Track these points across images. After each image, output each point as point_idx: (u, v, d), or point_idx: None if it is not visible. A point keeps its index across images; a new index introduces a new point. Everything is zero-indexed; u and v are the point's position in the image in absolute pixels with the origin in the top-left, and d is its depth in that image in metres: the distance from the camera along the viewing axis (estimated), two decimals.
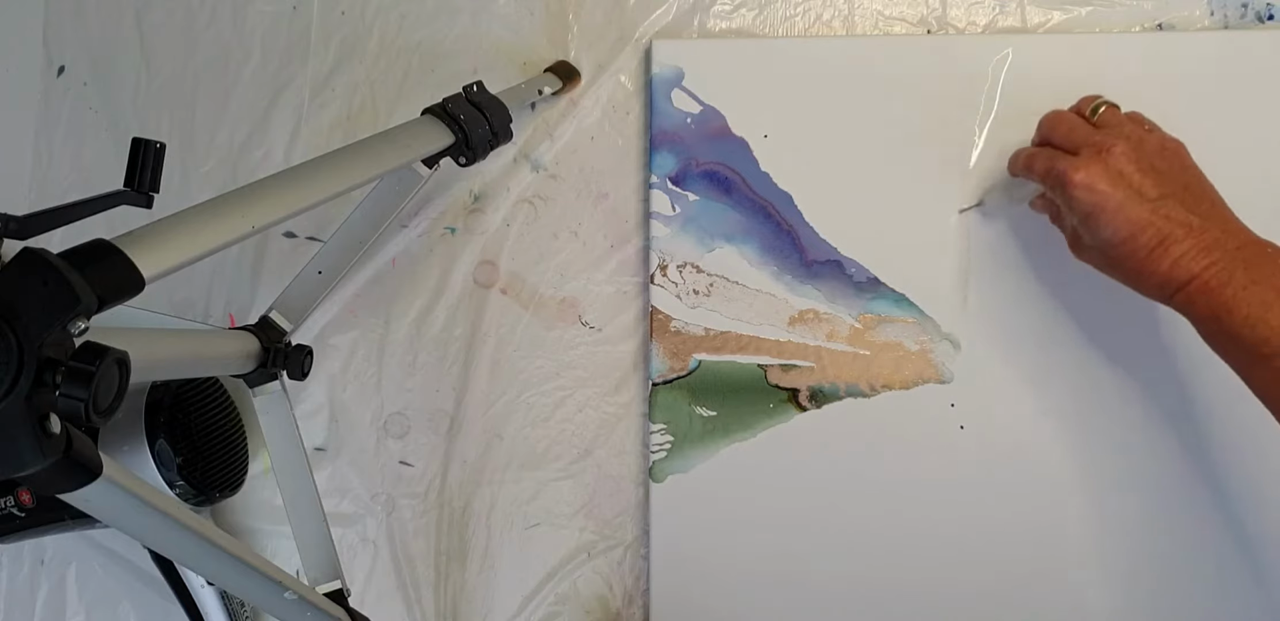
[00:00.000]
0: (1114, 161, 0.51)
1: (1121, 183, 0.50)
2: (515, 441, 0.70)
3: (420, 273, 0.73)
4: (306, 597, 0.50)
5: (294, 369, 0.64)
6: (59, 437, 0.35)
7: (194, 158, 0.77)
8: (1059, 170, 0.52)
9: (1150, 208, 0.49)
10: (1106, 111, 0.54)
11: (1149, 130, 0.54)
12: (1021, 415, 0.63)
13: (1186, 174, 0.52)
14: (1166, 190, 0.50)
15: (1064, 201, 0.52)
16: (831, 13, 0.69)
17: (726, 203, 0.66)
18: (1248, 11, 0.65)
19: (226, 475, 0.70)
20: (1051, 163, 0.53)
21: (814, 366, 0.65)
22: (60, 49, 0.81)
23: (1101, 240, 0.51)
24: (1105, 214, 0.50)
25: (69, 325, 0.34)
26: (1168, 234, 0.49)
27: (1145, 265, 0.50)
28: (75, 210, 0.38)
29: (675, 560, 0.66)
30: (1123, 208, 0.50)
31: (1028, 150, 0.57)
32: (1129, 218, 0.49)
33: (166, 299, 0.77)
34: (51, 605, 0.78)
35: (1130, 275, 0.51)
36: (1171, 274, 0.49)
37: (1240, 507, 0.61)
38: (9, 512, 0.64)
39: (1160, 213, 0.49)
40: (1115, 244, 0.50)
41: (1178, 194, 0.50)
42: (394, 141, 0.56)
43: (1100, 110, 0.54)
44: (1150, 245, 0.49)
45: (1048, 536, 0.62)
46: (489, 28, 0.73)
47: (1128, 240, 0.50)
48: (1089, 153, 0.51)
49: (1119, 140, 0.51)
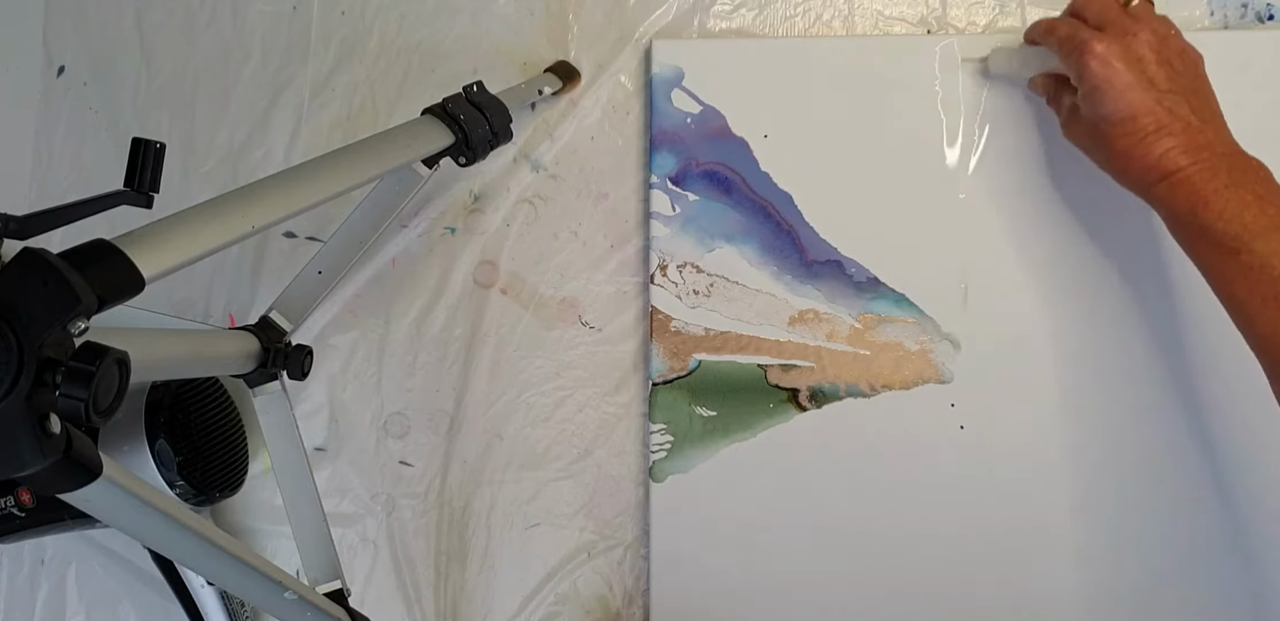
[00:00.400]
0: (1136, 45, 0.52)
1: (1137, 66, 0.52)
2: (515, 441, 0.70)
3: (420, 273, 0.73)
4: (306, 597, 0.50)
5: (294, 369, 0.64)
6: (59, 437, 0.35)
7: (194, 158, 0.77)
8: (1081, 38, 0.53)
9: (1156, 96, 0.51)
10: (1141, 3, 0.55)
11: (1175, 33, 0.55)
12: (1021, 415, 0.63)
13: (1197, 81, 0.53)
14: (1176, 86, 0.52)
15: (1076, 70, 0.53)
16: (831, 13, 0.69)
17: (726, 203, 0.66)
18: (1248, 11, 0.65)
19: (226, 475, 0.70)
20: (1076, 30, 0.54)
21: (814, 366, 0.65)
22: (60, 49, 0.81)
23: (1101, 116, 0.52)
24: (1113, 89, 0.51)
25: (69, 325, 0.34)
26: (1166, 124, 0.51)
27: (1136, 148, 0.51)
28: (75, 210, 0.38)
29: (675, 560, 0.66)
30: (1131, 88, 0.51)
31: (1052, 18, 0.58)
32: (1134, 99, 0.51)
33: (166, 299, 0.77)
34: (51, 605, 0.78)
35: (1117, 156, 0.52)
36: (1159, 163, 0.50)
37: (1243, 506, 0.61)
38: (9, 512, 0.64)
39: (1164, 104, 0.51)
40: (1114, 122, 0.52)
41: (1185, 93, 0.52)
42: (394, 141, 0.56)
43: (1135, 0, 0.55)
44: (1147, 130, 0.51)
45: (1048, 536, 0.62)
46: (489, 28, 0.73)
47: (1127, 120, 0.51)
48: (1115, 31, 0.53)
49: (1146, 29, 0.53)
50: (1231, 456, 0.61)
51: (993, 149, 0.64)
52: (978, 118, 0.64)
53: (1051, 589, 0.63)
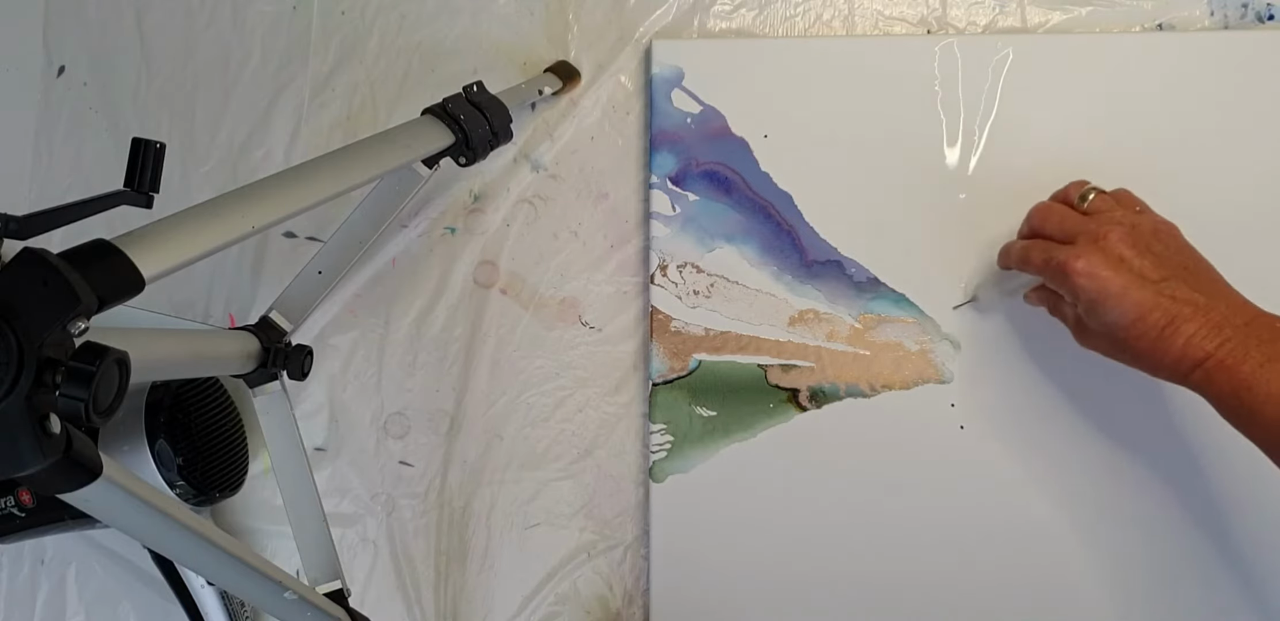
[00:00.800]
0: (1112, 247, 0.51)
1: (1123, 267, 0.50)
2: (515, 441, 0.70)
3: (420, 273, 0.73)
4: (306, 597, 0.50)
5: (294, 369, 0.64)
6: (59, 437, 0.35)
7: (194, 158, 0.77)
8: (1058, 260, 0.52)
9: (1154, 289, 0.50)
10: (1096, 198, 0.54)
11: (1140, 212, 0.54)
12: (1021, 415, 0.63)
13: (1184, 254, 0.52)
14: (1167, 271, 0.50)
15: (1067, 291, 0.52)
16: (831, 13, 0.69)
17: (726, 203, 0.66)
18: (1248, 11, 0.65)
19: (226, 475, 0.70)
20: (1049, 253, 0.53)
21: (814, 366, 0.65)
22: (60, 49, 0.81)
23: (1108, 324, 0.51)
24: (1111, 298, 0.50)
25: (69, 325, 0.34)
26: (1176, 314, 0.49)
27: (1157, 345, 0.49)
28: (75, 210, 0.38)
29: (675, 560, 0.66)
30: (1127, 291, 0.50)
31: (1019, 243, 0.57)
32: (1135, 300, 0.49)
33: (166, 299, 0.77)
34: (51, 605, 0.78)
35: (1142, 357, 0.51)
36: (1185, 353, 0.49)
37: (1243, 505, 0.61)
38: (9, 512, 0.64)
39: (1165, 293, 0.49)
40: (1124, 326, 0.50)
41: (1179, 274, 0.50)
42: (394, 141, 0.56)
43: (1090, 197, 0.55)
44: (1160, 325, 0.49)
45: (1048, 536, 0.62)
46: (489, 28, 0.73)
47: (1136, 322, 0.50)
48: (1085, 240, 0.52)
49: (1114, 226, 0.51)
50: (1232, 455, 0.61)
51: (993, 149, 0.64)
52: (978, 118, 0.64)
53: (1051, 588, 0.63)
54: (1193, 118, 0.63)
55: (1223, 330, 0.48)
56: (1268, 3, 0.65)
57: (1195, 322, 0.49)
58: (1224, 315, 0.49)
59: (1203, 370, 0.48)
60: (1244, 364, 0.47)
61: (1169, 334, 0.49)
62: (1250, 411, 0.47)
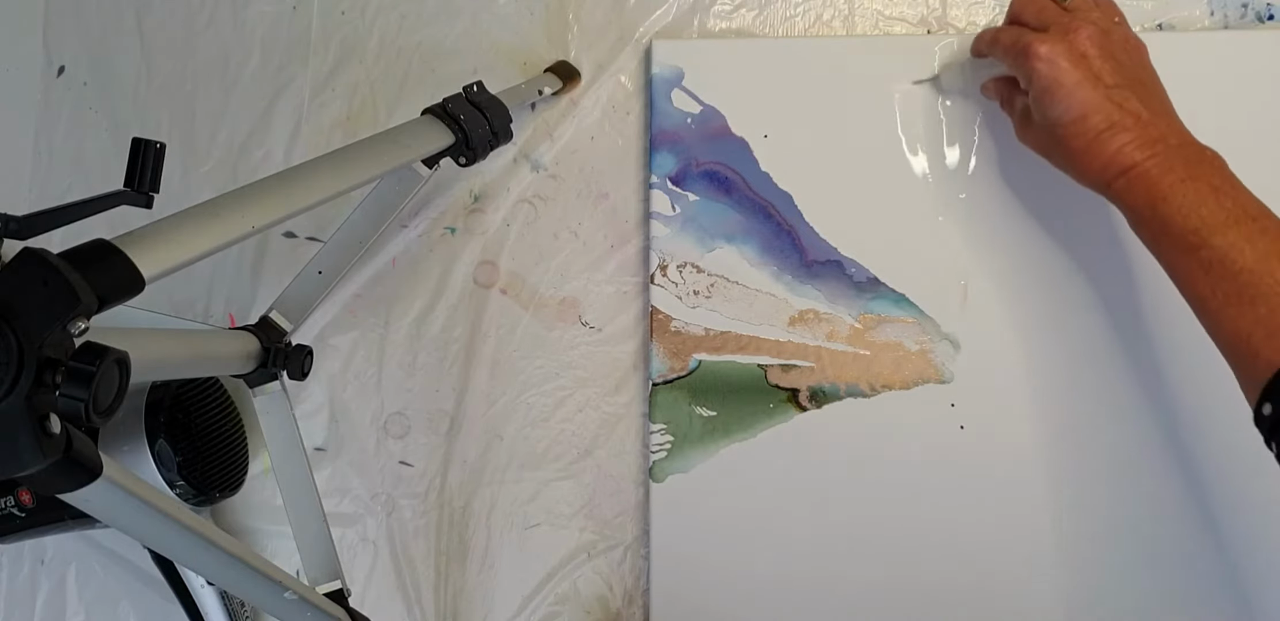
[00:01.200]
0: (1079, 42, 0.52)
1: (1083, 63, 0.51)
2: (515, 441, 0.70)
3: (420, 273, 0.73)
4: (306, 597, 0.50)
5: (294, 369, 0.64)
6: (59, 437, 0.35)
7: (194, 158, 0.77)
8: (1024, 42, 0.53)
9: (1104, 93, 0.51)
10: None
11: (1117, 23, 0.54)
12: (1021, 415, 0.63)
13: (1143, 71, 0.53)
14: (1122, 80, 0.51)
15: (1024, 74, 0.53)
16: (831, 13, 0.69)
17: (726, 203, 0.66)
18: (1248, 11, 0.65)
19: (226, 475, 0.70)
20: (1018, 35, 0.54)
21: (814, 366, 0.65)
22: (60, 49, 0.81)
23: (1052, 118, 0.52)
24: (1062, 89, 0.51)
25: (69, 325, 0.34)
26: (1117, 121, 0.50)
27: (1091, 147, 0.51)
28: (75, 210, 0.38)
29: (675, 560, 0.66)
30: (1079, 86, 0.51)
31: (994, 27, 0.58)
32: (1083, 98, 0.51)
33: (166, 299, 0.77)
34: (51, 605, 0.78)
35: (1073, 156, 0.52)
36: (1114, 159, 0.50)
37: (1244, 505, 0.61)
38: (9, 512, 0.64)
39: (1114, 99, 0.51)
40: (1065, 123, 0.52)
41: (1132, 86, 0.51)
42: (394, 141, 0.56)
43: None
44: (1099, 128, 0.51)
45: (1047, 536, 0.62)
46: (489, 28, 0.73)
47: (1078, 120, 0.51)
48: (1057, 30, 0.53)
49: (1088, 25, 0.52)
50: (1232, 454, 0.61)
51: (993, 149, 0.64)
52: (978, 118, 0.64)
53: (1051, 588, 0.63)
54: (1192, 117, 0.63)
55: (1155, 145, 0.50)
56: (1268, 3, 0.65)
57: (1132, 133, 0.50)
58: (1161, 132, 0.50)
59: (1125, 178, 0.50)
60: (1166, 177, 0.49)
61: (1105, 138, 0.50)
62: (1162, 221, 0.48)
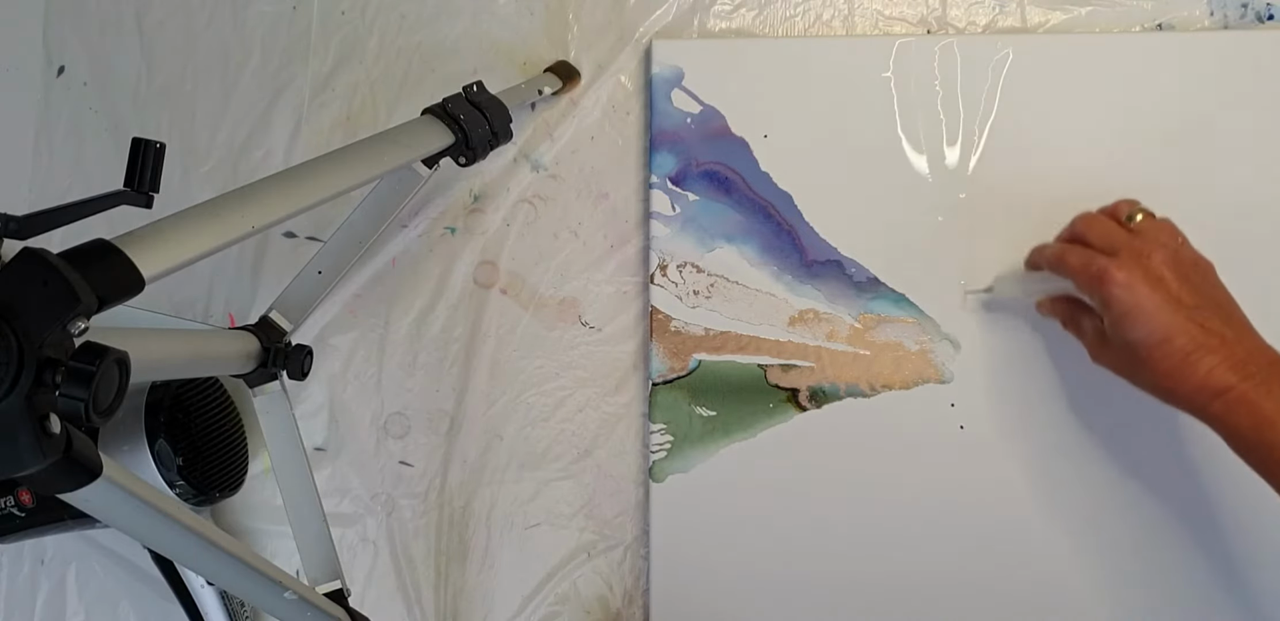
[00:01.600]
0: (1154, 266, 0.51)
1: (1160, 287, 0.50)
2: (515, 441, 0.70)
3: (420, 273, 0.73)
4: (306, 597, 0.50)
5: (294, 369, 0.64)
6: (59, 437, 0.35)
7: (194, 158, 0.77)
8: (1099, 267, 0.52)
9: (1186, 314, 0.50)
10: (1144, 219, 0.54)
11: (1182, 243, 0.54)
12: (1021, 415, 0.63)
13: (1217, 291, 0.52)
14: (1201, 300, 0.51)
15: (1099, 300, 0.52)
16: (831, 13, 0.69)
17: (726, 203, 0.66)
18: (1248, 11, 0.65)
19: (226, 475, 0.70)
20: (1090, 259, 0.53)
21: (814, 366, 0.65)
22: (60, 49, 0.81)
23: (1133, 342, 0.51)
24: (1144, 314, 0.50)
25: (69, 325, 0.34)
26: (1203, 342, 0.49)
27: (1179, 370, 0.50)
28: (75, 210, 0.38)
29: (675, 560, 0.66)
30: (1160, 310, 0.50)
31: (1057, 245, 0.57)
32: (1165, 321, 0.50)
33: (166, 299, 0.77)
34: (51, 605, 0.78)
35: (1161, 379, 0.51)
36: (1206, 382, 0.49)
37: (1239, 506, 0.61)
38: (9, 512, 0.64)
39: (1196, 320, 0.50)
40: (1149, 346, 0.50)
41: (1211, 306, 0.51)
42: (394, 141, 0.56)
43: (1138, 217, 0.55)
44: (1186, 350, 0.49)
45: (1047, 536, 0.62)
46: (489, 28, 0.73)
47: (1162, 343, 0.50)
48: (1129, 254, 0.52)
49: (1159, 247, 0.52)
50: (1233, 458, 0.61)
51: (993, 149, 0.64)
52: (977, 118, 0.64)
53: (1050, 588, 0.63)
54: (1193, 117, 0.63)
55: (1247, 366, 0.49)
56: (1268, 3, 0.65)
57: (1220, 354, 0.49)
58: (1249, 352, 0.49)
59: (1223, 401, 0.49)
60: (1267, 400, 0.48)
61: (1193, 360, 0.49)
62: (1270, 447, 0.48)
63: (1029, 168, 0.64)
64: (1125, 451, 0.62)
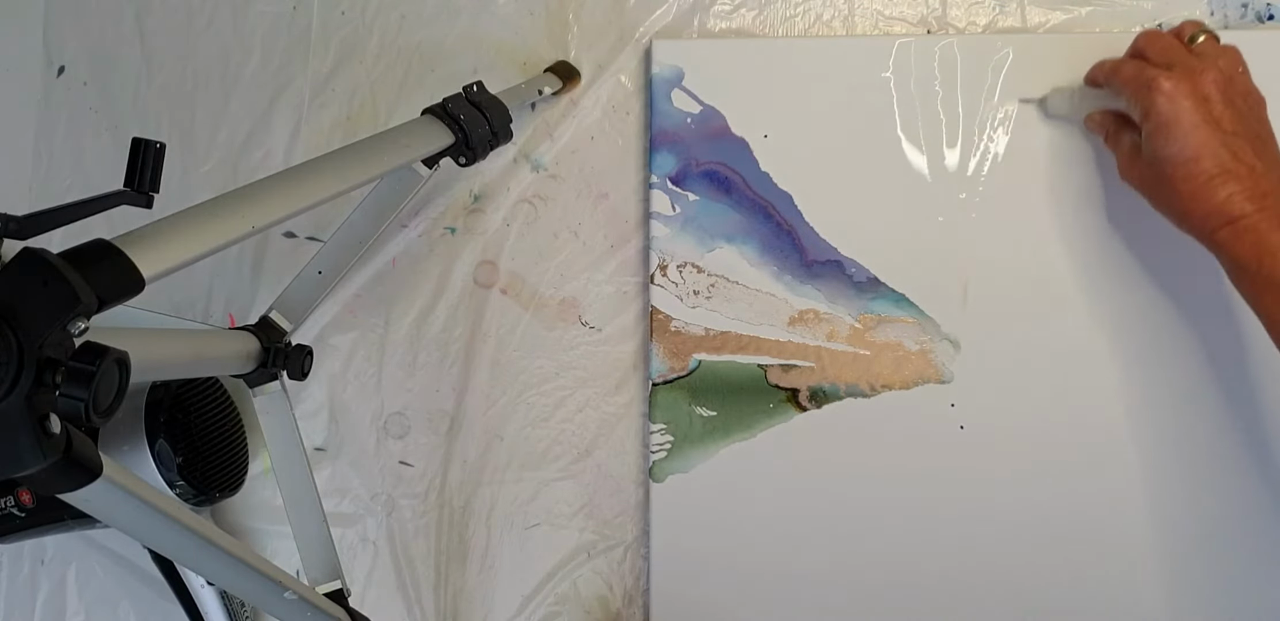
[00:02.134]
0: (1203, 84, 0.51)
1: (1204, 106, 0.51)
2: (515, 441, 0.70)
3: (420, 273, 0.73)
4: (306, 597, 0.50)
5: (294, 369, 0.64)
6: (59, 437, 0.35)
7: (194, 158, 0.77)
8: (1149, 75, 0.52)
9: (1221, 138, 0.50)
10: (1206, 40, 0.54)
11: (1241, 72, 0.54)
12: (1021, 415, 0.63)
13: (1261, 124, 0.52)
14: (1241, 129, 0.51)
15: (1142, 108, 0.52)
16: (831, 13, 0.69)
17: (726, 203, 0.66)
18: (1248, 11, 0.65)
19: (226, 475, 0.70)
20: (1142, 68, 0.53)
21: (814, 366, 0.65)
22: (60, 49, 0.81)
23: (1163, 156, 0.51)
24: (1180, 128, 0.50)
25: (69, 325, 0.34)
26: (1230, 168, 0.49)
27: (1201, 191, 0.50)
28: (75, 210, 0.38)
29: (675, 560, 0.66)
30: (1198, 128, 0.50)
31: (1116, 59, 0.57)
32: (1200, 140, 0.50)
33: (166, 299, 0.77)
34: (51, 605, 0.78)
35: (1178, 199, 0.51)
36: (1222, 207, 0.49)
37: (1246, 504, 0.61)
38: (9, 512, 0.64)
39: (1230, 147, 0.50)
40: (1178, 163, 0.51)
41: (1250, 137, 0.51)
42: (394, 141, 0.56)
43: (1200, 38, 0.54)
44: (1211, 172, 0.50)
45: (1047, 536, 0.62)
46: (489, 28, 0.73)
47: (1190, 161, 0.50)
48: (1182, 69, 0.52)
49: (1214, 69, 0.52)
50: (1234, 454, 0.61)
51: (993, 149, 0.64)
52: (977, 118, 0.64)
53: (1050, 587, 0.63)
54: None
55: (1266, 199, 0.49)
56: (1268, 3, 0.65)
57: (1243, 183, 0.49)
58: (1273, 185, 0.49)
59: (1232, 228, 0.49)
60: (1275, 232, 0.48)
61: (1215, 184, 0.49)
62: (1268, 278, 0.48)
63: (1029, 167, 0.64)
64: (1127, 450, 0.62)
